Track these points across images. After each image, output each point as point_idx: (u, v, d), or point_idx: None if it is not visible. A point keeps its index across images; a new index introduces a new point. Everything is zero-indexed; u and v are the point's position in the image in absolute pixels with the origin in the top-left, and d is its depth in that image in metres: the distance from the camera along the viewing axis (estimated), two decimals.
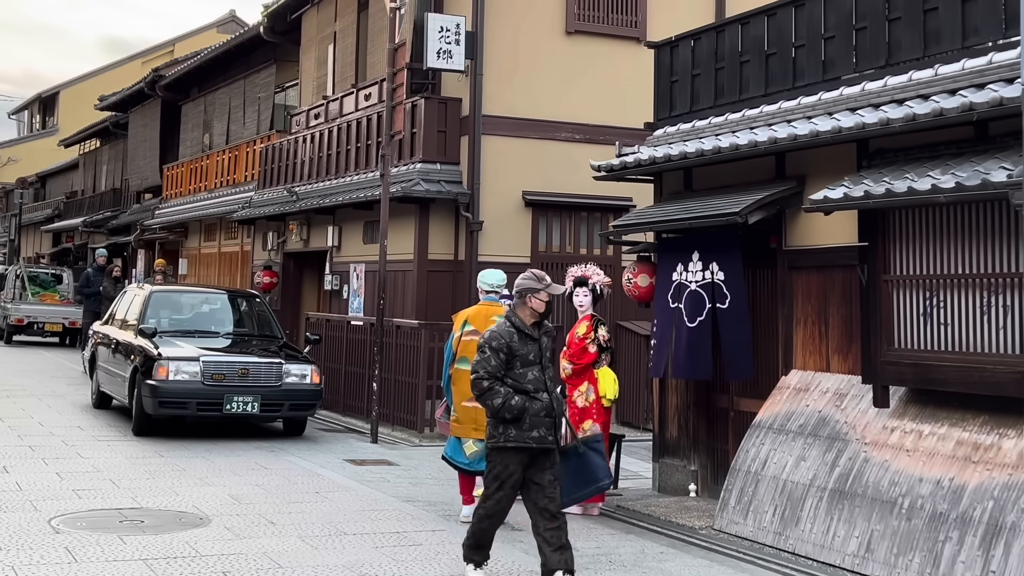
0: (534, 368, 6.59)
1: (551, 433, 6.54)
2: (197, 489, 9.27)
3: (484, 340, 6.66)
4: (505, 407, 6.43)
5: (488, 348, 6.58)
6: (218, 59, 24.86)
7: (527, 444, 6.44)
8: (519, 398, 6.45)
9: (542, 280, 6.77)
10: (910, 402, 7.60)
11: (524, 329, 6.64)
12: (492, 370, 6.51)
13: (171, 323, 13.79)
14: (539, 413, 6.49)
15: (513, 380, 6.52)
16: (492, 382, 6.50)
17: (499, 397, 6.45)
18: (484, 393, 6.51)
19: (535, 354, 6.63)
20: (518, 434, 6.45)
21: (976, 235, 7.09)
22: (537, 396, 6.52)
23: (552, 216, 15.13)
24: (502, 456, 6.52)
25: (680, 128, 10.27)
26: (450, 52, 14.31)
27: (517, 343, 6.57)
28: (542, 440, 6.48)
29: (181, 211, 26.02)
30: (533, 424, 6.46)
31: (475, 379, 6.56)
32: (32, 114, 55.51)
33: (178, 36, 43.36)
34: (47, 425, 12.87)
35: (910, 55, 7.88)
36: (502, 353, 6.53)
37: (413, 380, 13.51)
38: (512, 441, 6.45)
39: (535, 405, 6.49)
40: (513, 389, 6.48)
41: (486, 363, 6.54)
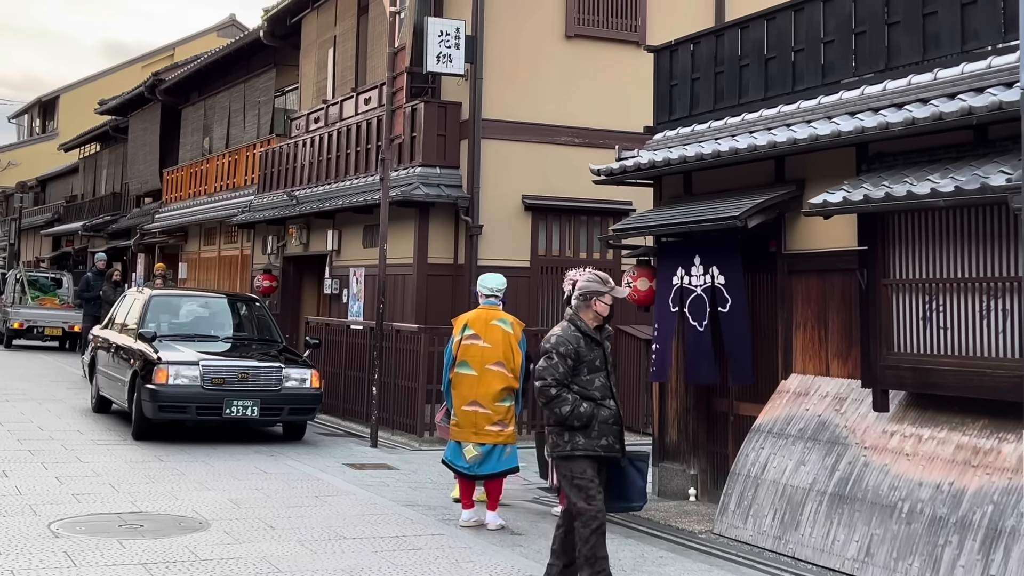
0: (600, 374, 6.37)
1: (618, 441, 6.35)
2: (196, 493, 9.26)
3: (550, 346, 6.36)
4: (574, 414, 6.21)
5: (555, 354, 6.31)
6: (218, 63, 24.89)
7: (596, 452, 6.24)
8: (587, 405, 6.24)
9: (607, 283, 6.55)
10: (910, 406, 7.60)
11: (590, 333, 6.40)
12: (560, 377, 6.26)
13: (171, 327, 13.78)
14: (607, 420, 6.29)
15: (580, 387, 6.30)
16: (560, 389, 6.25)
17: (567, 404, 6.22)
18: (551, 400, 6.26)
19: (601, 359, 6.41)
20: (587, 442, 6.24)
21: (975, 239, 7.09)
22: (605, 403, 6.31)
23: (552, 220, 15.13)
24: (574, 464, 6.27)
25: (680, 132, 10.27)
26: (450, 56, 14.32)
27: (584, 348, 6.34)
28: (610, 448, 6.30)
29: (181, 215, 26.02)
30: (602, 432, 6.26)
31: (542, 386, 6.29)
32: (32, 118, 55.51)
33: (178, 40, 43.38)
34: (47, 429, 12.86)
35: (909, 59, 7.89)
36: (570, 359, 6.29)
37: (413, 384, 13.51)
38: (580, 450, 6.23)
39: (603, 412, 6.28)
40: (580, 396, 6.27)
41: (553, 370, 6.28)
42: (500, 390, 8.51)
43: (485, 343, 8.57)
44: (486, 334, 8.59)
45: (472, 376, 8.54)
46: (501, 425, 8.52)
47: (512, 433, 8.62)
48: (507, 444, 8.57)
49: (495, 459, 8.52)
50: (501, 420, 8.52)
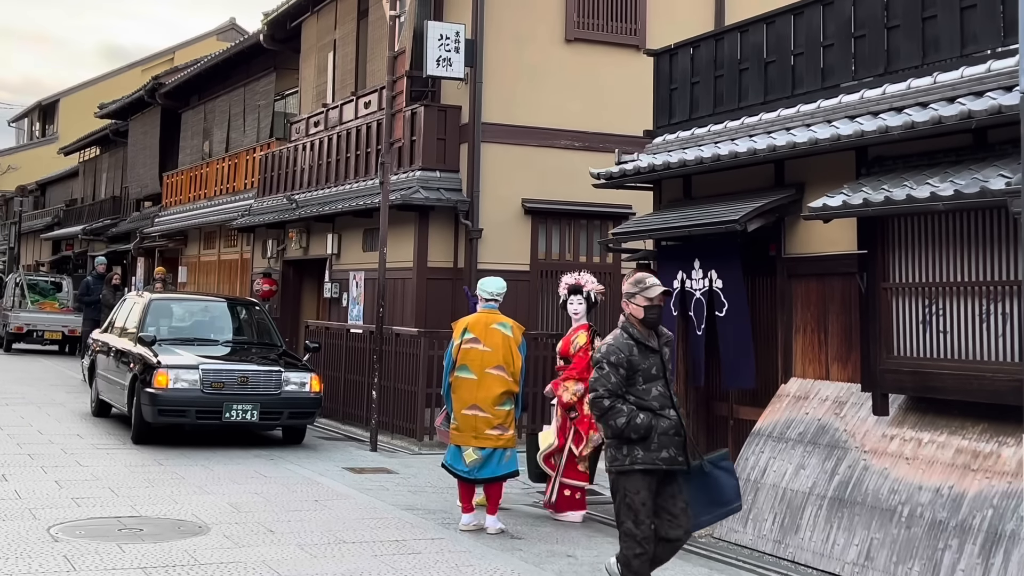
0: (657, 383, 6.03)
1: (681, 453, 6.02)
2: (196, 497, 9.26)
3: (600, 355, 6.06)
4: (631, 426, 5.89)
5: (606, 363, 5.99)
6: (218, 67, 24.91)
7: (656, 465, 5.92)
8: (644, 415, 5.92)
9: (638, 284, 6.19)
10: (909, 410, 7.60)
11: (643, 340, 6.06)
12: (613, 387, 5.95)
13: (170, 331, 13.78)
14: (668, 431, 5.96)
15: (635, 397, 5.98)
16: (614, 400, 5.94)
17: (623, 416, 5.91)
18: (605, 413, 5.95)
19: (657, 367, 6.06)
20: (646, 455, 5.92)
21: (975, 243, 7.09)
22: (664, 413, 5.99)
23: (552, 224, 15.13)
24: (630, 482, 5.97)
25: (679, 136, 10.28)
26: (450, 60, 14.33)
27: (637, 356, 6.00)
28: (672, 461, 5.97)
29: (181, 219, 26.03)
30: (662, 444, 5.94)
31: (594, 398, 6.00)
32: (32, 122, 55.54)
33: (178, 44, 43.41)
34: (46, 433, 12.86)
35: (909, 63, 7.89)
36: (622, 368, 5.97)
37: (412, 388, 13.50)
38: (640, 463, 5.92)
39: (663, 423, 5.96)
40: (636, 406, 5.95)
41: (605, 380, 5.96)
42: (500, 394, 8.51)
43: (485, 347, 8.57)
44: (486, 338, 8.59)
45: (472, 380, 8.54)
46: (501, 429, 8.51)
47: (512, 437, 8.61)
48: (507, 448, 8.57)
49: (495, 463, 8.52)
50: (501, 424, 8.52)
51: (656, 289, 6.13)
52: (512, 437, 8.62)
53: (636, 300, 6.11)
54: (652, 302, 6.10)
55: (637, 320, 6.10)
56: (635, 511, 5.95)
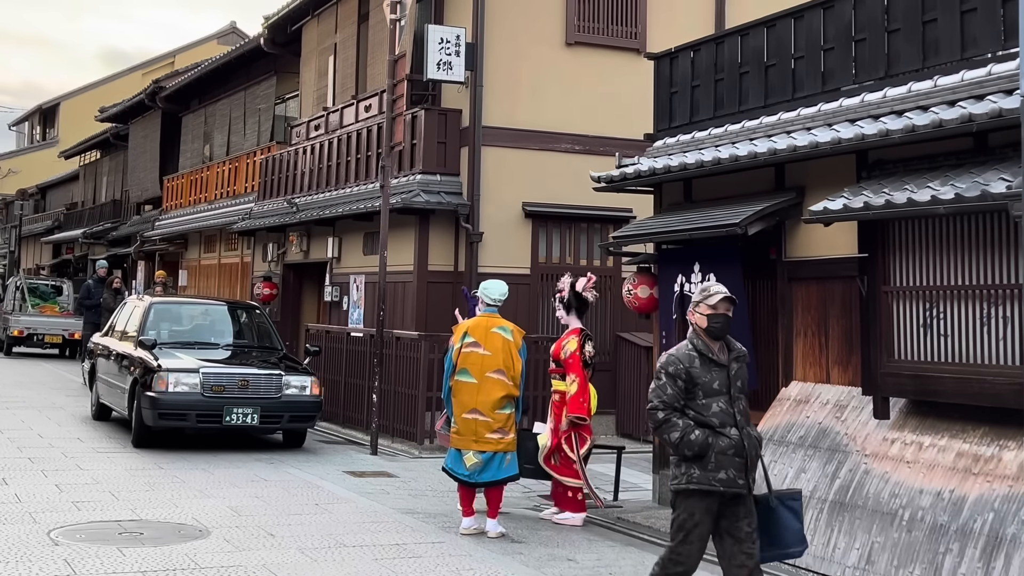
0: (720, 399, 5.67)
1: (742, 475, 5.62)
2: (196, 501, 9.25)
3: (660, 365, 5.80)
4: (684, 442, 5.57)
5: (664, 374, 5.72)
6: (218, 70, 24.92)
7: (712, 487, 5.57)
8: (700, 432, 5.58)
9: (702, 292, 5.88)
10: (910, 414, 7.59)
11: (707, 353, 5.73)
12: (668, 399, 5.66)
13: (171, 335, 13.78)
14: (726, 451, 5.58)
15: (695, 412, 5.66)
16: (668, 413, 5.66)
17: (676, 430, 5.60)
18: (660, 426, 5.68)
19: (721, 382, 5.70)
20: (702, 475, 5.58)
21: (976, 246, 7.09)
22: (724, 431, 5.61)
23: (552, 227, 15.13)
24: (685, 501, 5.67)
25: (680, 139, 10.28)
26: (450, 63, 14.34)
27: (698, 369, 5.68)
28: (730, 483, 5.59)
29: (181, 222, 26.04)
30: (720, 464, 5.57)
31: (649, 409, 5.75)
32: (32, 125, 55.59)
33: (179, 48, 43.45)
34: (46, 437, 12.85)
35: (909, 66, 7.89)
36: (680, 380, 5.66)
37: (413, 392, 13.50)
38: (695, 483, 5.59)
39: (721, 442, 5.59)
40: (694, 422, 5.63)
41: (661, 391, 5.70)
42: (500, 398, 8.50)
43: (485, 351, 8.57)
44: (486, 342, 8.59)
45: (472, 384, 8.54)
46: (501, 433, 8.50)
47: (512, 441, 8.61)
48: (507, 452, 8.56)
49: (495, 467, 8.51)
50: (501, 428, 8.51)
51: (718, 296, 5.79)
52: (513, 441, 8.61)
53: (699, 309, 5.82)
54: (715, 310, 5.76)
55: (701, 330, 5.79)
56: (685, 531, 5.67)
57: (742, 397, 5.78)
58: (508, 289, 9.03)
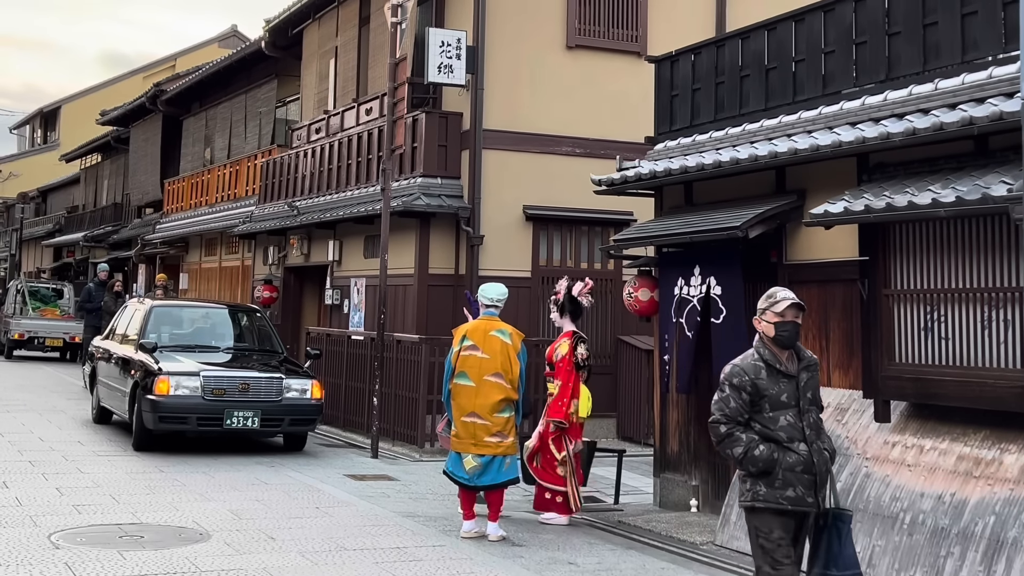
0: (788, 412, 5.34)
1: (811, 493, 5.31)
2: (197, 504, 9.25)
3: (724, 376, 5.48)
4: (748, 458, 5.29)
5: (727, 386, 5.42)
6: (219, 74, 24.94)
7: (780, 505, 5.28)
8: (765, 447, 5.28)
9: (768, 298, 5.54)
10: (911, 417, 7.58)
11: (775, 363, 5.42)
12: (732, 412, 5.36)
13: (171, 338, 13.78)
14: (794, 468, 5.27)
15: (761, 425, 5.35)
16: (731, 427, 5.36)
17: (739, 445, 5.31)
18: (722, 440, 5.39)
19: (790, 394, 5.37)
20: (769, 492, 5.28)
21: (977, 249, 7.09)
22: (792, 447, 5.29)
23: (553, 230, 15.14)
24: (759, 520, 5.37)
25: (681, 142, 10.27)
26: (451, 67, 14.34)
27: (765, 380, 5.36)
28: (799, 501, 5.28)
29: (182, 226, 26.04)
30: (788, 481, 5.27)
31: (711, 422, 5.46)
32: (33, 129, 55.62)
33: (180, 51, 43.48)
34: (47, 440, 12.85)
35: (910, 69, 7.89)
36: (744, 392, 5.35)
37: (414, 395, 13.49)
38: (761, 500, 5.31)
39: (789, 458, 5.27)
40: (760, 436, 5.33)
41: (723, 404, 5.40)
42: (498, 401, 8.50)
43: (483, 354, 8.57)
44: (484, 345, 8.59)
45: (470, 387, 8.54)
46: (500, 436, 8.50)
47: (512, 444, 8.60)
48: (507, 455, 8.55)
49: (495, 470, 8.50)
50: (500, 431, 8.50)
51: (785, 302, 5.46)
52: (512, 444, 8.61)
53: (766, 316, 5.48)
54: (783, 318, 5.43)
55: (769, 339, 5.47)
56: (769, 552, 5.33)
57: (813, 409, 5.46)
58: (507, 291, 9.03)
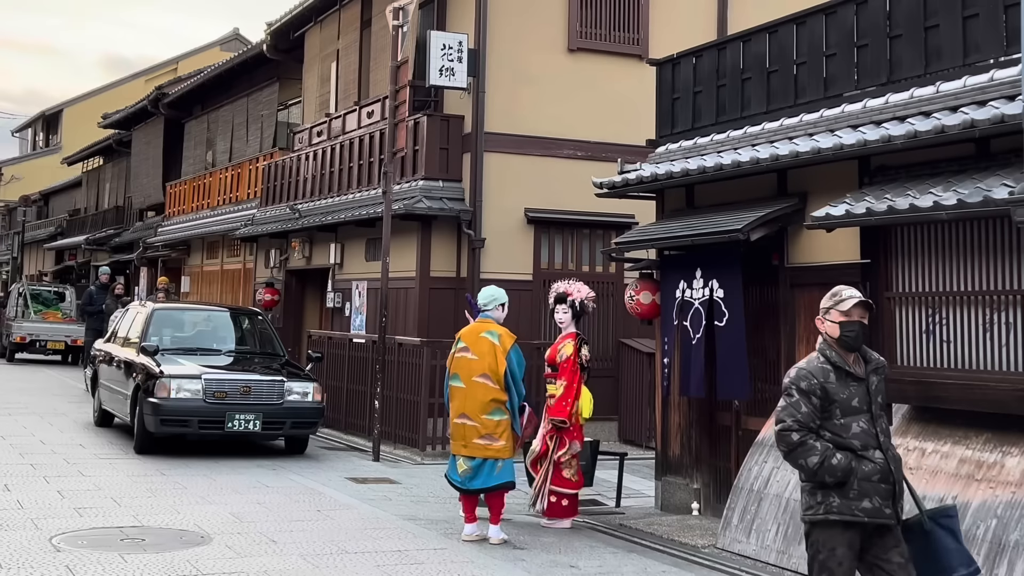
0: (860, 418, 5.03)
1: (888, 503, 5.01)
2: (198, 507, 9.24)
3: (789, 380, 5.13)
4: (824, 467, 4.93)
5: (795, 390, 5.06)
6: (221, 77, 24.97)
7: (856, 517, 4.96)
8: (842, 455, 4.95)
9: (833, 296, 5.24)
10: (913, 420, 7.58)
11: (843, 366, 5.10)
12: (804, 418, 4.99)
13: (173, 341, 13.76)
14: (871, 477, 4.97)
15: (832, 433, 5.01)
16: (804, 435, 4.99)
17: (815, 454, 4.94)
18: (794, 449, 5.00)
19: (861, 399, 5.07)
20: (843, 504, 4.97)
21: (978, 252, 7.08)
22: (867, 455, 4.99)
23: (554, 233, 15.13)
24: (824, 534, 5.04)
25: (682, 145, 10.27)
26: (452, 69, 14.35)
27: (834, 384, 5.05)
28: (876, 513, 4.97)
29: (184, 229, 26.06)
30: (864, 491, 4.96)
31: (780, 431, 5.05)
32: (35, 132, 55.65)
33: (182, 54, 43.49)
34: (49, 443, 12.85)
35: (911, 72, 7.89)
36: (814, 397, 5.01)
37: (415, 398, 13.49)
38: (835, 513, 4.97)
39: (865, 467, 4.97)
40: (832, 444, 5.00)
41: (793, 410, 5.02)
42: (487, 402, 8.49)
43: (472, 355, 8.61)
44: (475, 346, 8.62)
45: (462, 388, 8.60)
46: (489, 439, 8.45)
47: (503, 448, 8.47)
48: (498, 459, 8.46)
49: (485, 474, 8.46)
50: (490, 434, 8.46)
51: (851, 301, 5.15)
52: (503, 448, 8.47)
53: (830, 316, 5.18)
54: (848, 317, 5.12)
55: (834, 340, 5.16)
56: (830, 571, 5.03)
57: (884, 415, 5.17)
58: (496, 293, 8.90)
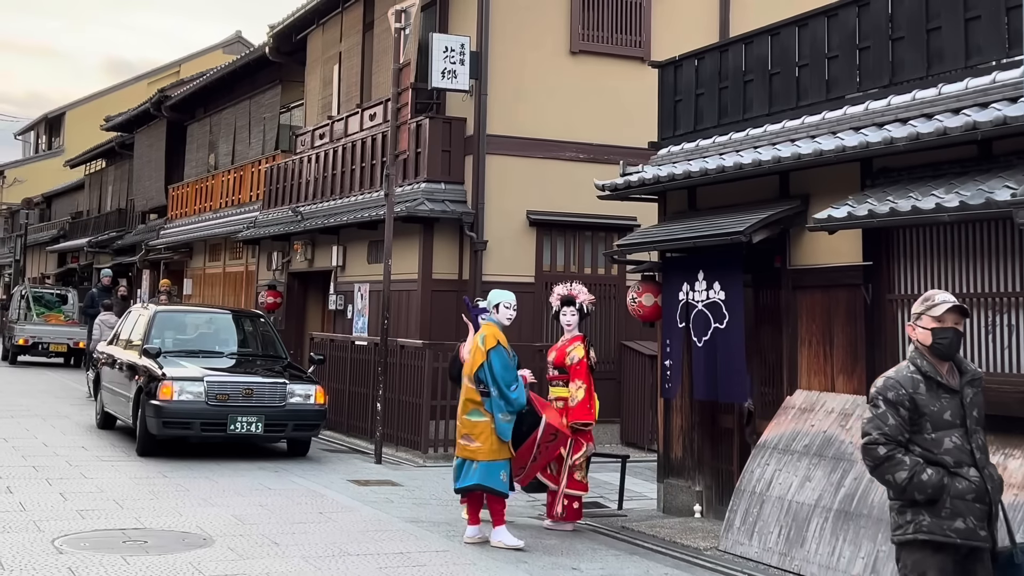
0: (953, 433, 4.70)
1: (983, 525, 4.65)
2: (201, 509, 9.25)
3: (876, 390, 4.81)
4: (914, 484, 4.61)
5: (882, 401, 4.74)
6: (224, 80, 24.99)
7: (948, 538, 4.63)
8: (933, 471, 4.63)
9: (924, 301, 4.90)
10: None
11: (935, 376, 4.77)
12: (891, 431, 4.66)
13: (175, 343, 13.77)
14: (965, 496, 4.62)
15: (922, 448, 4.68)
16: (892, 448, 4.66)
17: (903, 470, 4.61)
18: (880, 464, 4.68)
19: (954, 412, 4.73)
20: (934, 523, 4.64)
21: (980, 254, 7.09)
22: (961, 472, 4.65)
23: (556, 235, 15.13)
24: (914, 556, 4.71)
25: (684, 147, 10.28)
26: (455, 72, 14.35)
27: (924, 396, 4.71)
28: (970, 534, 4.62)
29: (186, 231, 26.08)
30: (957, 510, 4.61)
31: (866, 444, 4.73)
32: (38, 135, 55.70)
33: (184, 57, 43.51)
34: (51, 445, 12.85)
35: (913, 74, 7.89)
36: (903, 408, 4.68)
37: (417, 400, 13.49)
38: (925, 532, 4.64)
39: (959, 484, 4.63)
40: (923, 460, 4.66)
41: (880, 422, 4.70)
42: (466, 401, 8.58)
43: (467, 356, 8.75)
44: (471, 348, 8.72)
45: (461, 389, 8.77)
46: (467, 439, 8.48)
47: (478, 449, 8.39)
48: (473, 460, 8.42)
49: (463, 474, 8.50)
50: (468, 434, 8.49)
51: (944, 306, 4.81)
52: (478, 449, 8.38)
53: (921, 322, 4.84)
54: (942, 323, 4.79)
55: (925, 348, 4.82)
56: None
57: (980, 430, 4.80)
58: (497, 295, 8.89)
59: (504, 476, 8.47)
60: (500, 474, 8.44)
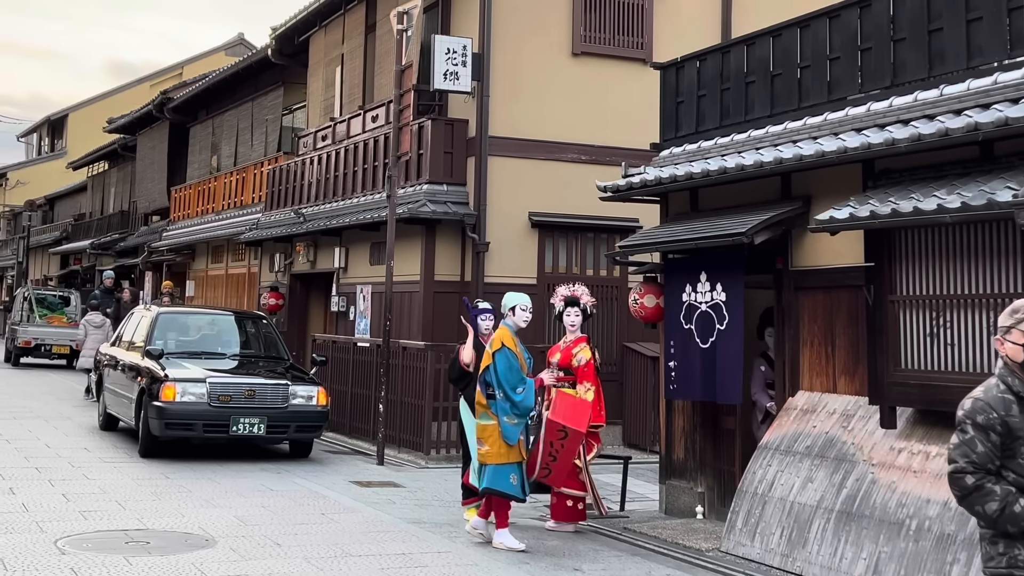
0: None
1: None
2: (203, 511, 9.26)
3: (964, 413, 4.39)
4: (1006, 515, 4.22)
5: (970, 425, 4.33)
6: (226, 81, 25.00)
7: None
8: None
9: (1014, 313, 4.48)
10: (917, 423, 7.57)
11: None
12: (980, 459, 4.26)
13: (178, 344, 13.79)
14: None
15: (1016, 474, 4.28)
16: (981, 477, 4.26)
17: (994, 500, 4.23)
18: (969, 495, 4.29)
19: None
20: None
21: (982, 255, 7.08)
22: None
23: (559, 237, 15.13)
24: None
25: (686, 149, 10.28)
26: (457, 74, 14.36)
27: (1018, 418, 4.31)
28: None
29: (188, 233, 26.09)
30: None
31: (953, 472, 4.33)
32: (40, 137, 55.73)
33: (186, 59, 43.55)
34: (54, 447, 12.87)
35: (915, 75, 7.89)
36: (993, 433, 4.28)
37: (419, 402, 13.50)
38: (1020, 568, 4.27)
39: None
40: (1016, 488, 4.27)
41: (969, 449, 4.29)
42: (477, 405, 8.61)
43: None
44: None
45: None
46: (479, 443, 8.53)
47: (486, 453, 8.40)
48: (484, 464, 8.43)
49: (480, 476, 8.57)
50: (479, 438, 8.54)
51: None
52: (486, 453, 8.39)
53: (1011, 336, 4.43)
54: None
55: (1017, 365, 4.40)
56: None
57: None
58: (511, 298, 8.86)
59: (515, 479, 8.37)
60: (510, 477, 8.37)
